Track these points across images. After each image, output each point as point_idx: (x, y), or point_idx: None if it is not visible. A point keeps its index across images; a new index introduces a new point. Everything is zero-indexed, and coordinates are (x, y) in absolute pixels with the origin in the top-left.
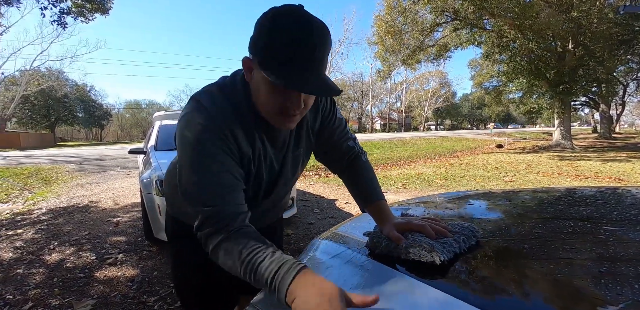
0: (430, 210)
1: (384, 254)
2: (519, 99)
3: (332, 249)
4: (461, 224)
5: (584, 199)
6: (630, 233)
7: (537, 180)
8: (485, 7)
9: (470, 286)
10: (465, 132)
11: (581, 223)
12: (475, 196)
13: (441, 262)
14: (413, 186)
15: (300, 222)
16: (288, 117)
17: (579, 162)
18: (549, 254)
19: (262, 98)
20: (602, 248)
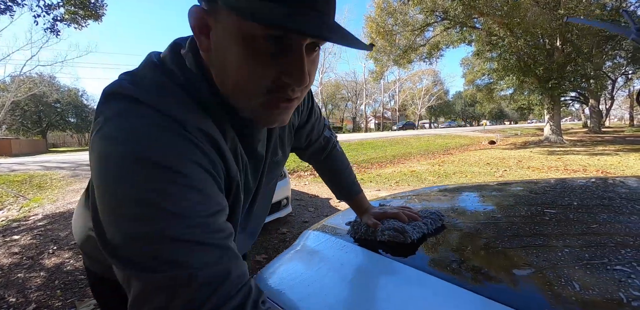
0: (410, 202)
1: (363, 238)
2: (510, 95)
3: (320, 237)
4: (429, 210)
5: (548, 188)
6: (571, 214)
7: (526, 175)
8: (474, 6)
9: (436, 262)
10: (458, 129)
11: (539, 207)
12: (450, 189)
13: (411, 240)
14: (406, 184)
15: (295, 220)
16: (282, 103)
17: (568, 156)
18: (503, 233)
19: (237, 72)
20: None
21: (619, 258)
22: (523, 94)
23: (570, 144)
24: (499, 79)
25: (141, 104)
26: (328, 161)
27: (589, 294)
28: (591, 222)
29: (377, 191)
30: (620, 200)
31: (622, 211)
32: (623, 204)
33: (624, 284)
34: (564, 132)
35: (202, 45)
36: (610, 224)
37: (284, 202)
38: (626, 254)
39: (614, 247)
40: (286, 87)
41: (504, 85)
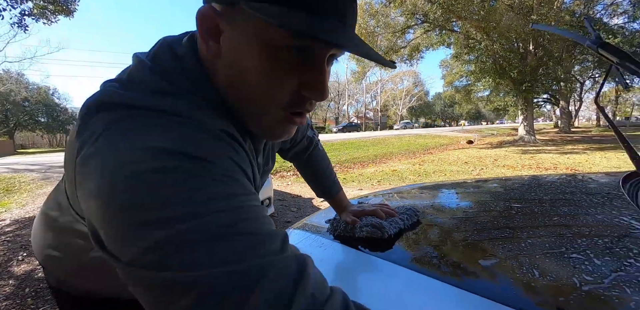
0: (387, 199)
1: (342, 235)
2: (487, 97)
3: (301, 236)
4: (405, 206)
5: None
6: (536, 208)
7: (501, 173)
8: (453, 10)
9: (411, 255)
10: (438, 129)
11: (507, 202)
12: (425, 187)
13: (388, 236)
14: (387, 183)
15: (278, 221)
16: (297, 118)
17: (540, 155)
18: (474, 226)
19: (256, 83)
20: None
21: (575, 247)
22: (499, 96)
23: (542, 143)
24: (476, 80)
25: (149, 111)
26: (310, 160)
27: (546, 279)
28: (553, 215)
29: (359, 190)
30: (580, 194)
31: (581, 204)
32: (582, 197)
33: (577, 270)
34: (536, 132)
35: (210, 50)
36: (570, 216)
37: (266, 203)
38: (582, 243)
39: (571, 237)
40: (305, 101)
41: (481, 87)
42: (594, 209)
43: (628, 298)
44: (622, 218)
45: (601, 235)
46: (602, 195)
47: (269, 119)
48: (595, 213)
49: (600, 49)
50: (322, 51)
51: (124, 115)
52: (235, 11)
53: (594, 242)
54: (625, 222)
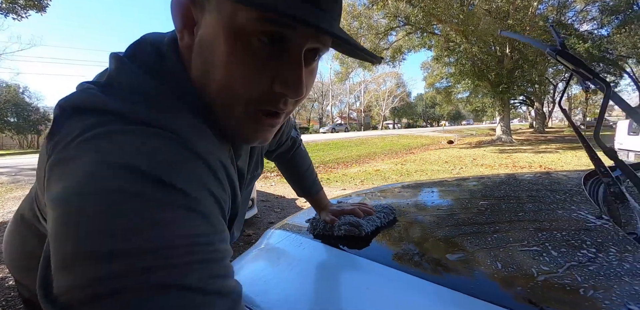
0: (366, 199)
1: (321, 234)
2: (467, 98)
3: (282, 235)
4: (382, 204)
5: (490, 183)
6: (503, 205)
7: (480, 172)
8: (433, 13)
9: (388, 252)
10: (420, 129)
11: (477, 199)
12: (402, 186)
13: (365, 233)
14: (371, 182)
15: (261, 222)
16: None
17: (516, 154)
18: (445, 223)
19: (223, 74)
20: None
21: (535, 240)
22: (477, 97)
23: (518, 143)
24: (456, 82)
25: (128, 120)
26: (293, 160)
27: (507, 270)
28: (519, 210)
29: (343, 190)
30: (545, 191)
31: (545, 200)
32: (547, 194)
33: (536, 261)
34: (513, 132)
35: (184, 41)
36: (533, 211)
37: (249, 204)
38: (542, 236)
39: (533, 231)
40: (278, 98)
41: (461, 89)
42: (555, 204)
43: (578, 285)
44: (579, 213)
45: (559, 229)
46: (564, 191)
47: (238, 117)
48: (557, 208)
49: (558, 56)
50: (297, 42)
51: (98, 122)
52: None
53: (553, 235)
54: (582, 217)
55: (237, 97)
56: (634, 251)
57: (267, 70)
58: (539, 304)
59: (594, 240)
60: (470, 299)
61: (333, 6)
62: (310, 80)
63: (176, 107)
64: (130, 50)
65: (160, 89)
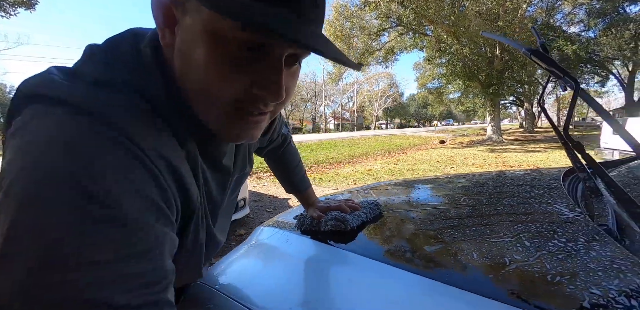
0: (353, 195)
1: (309, 229)
2: (458, 98)
3: (271, 232)
4: (368, 200)
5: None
6: (484, 200)
7: (470, 171)
8: (425, 14)
9: (373, 246)
10: (412, 129)
11: (460, 195)
12: (390, 184)
13: (351, 228)
14: (363, 182)
15: (253, 221)
16: (250, 117)
17: (506, 153)
18: (428, 217)
19: (203, 75)
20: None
21: (511, 232)
22: (469, 97)
23: (508, 142)
24: (447, 83)
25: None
26: (283, 156)
27: (482, 260)
28: (498, 205)
29: (335, 190)
30: (525, 186)
31: (523, 195)
32: (526, 189)
33: (509, 251)
34: (503, 132)
35: (165, 40)
36: (512, 205)
37: (241, 204)
38: (517, 228)
39: (509, 224)
40: (257, 100)
41: (452, 89)
42: (533, 199)
43: (546, 272)
44: (554, 206)
45: (534, 221)
46: (542, 187)
47: (220, 116)
48: (534, 203)
49: (532, 55)
50: (277, 49)
51: (46, 112)
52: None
53: (528, 227)
54: (556, 210)
55: (217, 98)
56: (601, 241)
57: (247, 73)
58: (510, 290)
59: (565, 231)
60: (448, 287)
61: (314, 12)
62: (292, 82)
63: (131, 103)
64: (106, 42)
65: (121, 84)
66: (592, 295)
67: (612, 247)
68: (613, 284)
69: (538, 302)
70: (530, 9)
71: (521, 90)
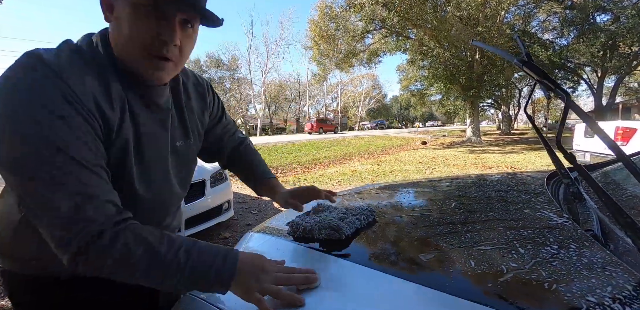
0: (345, 200)
1: (302, 236)
2: (439, 101)
3: (261, 239)
4: (362, 206)
5: (462, 183)
6: (475, 205)
7: (452, 172)
8: (408, 18)
9: (367, 253)
10: (395, 130)
11: (451, 200)
12: (380, 187)
13: (346, 236)
14: (347, 183)
15: (238, 224)
16: (157, 61)
17: (485, 154)
18: (422, 224)
19: (125, 33)
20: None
21: (504, 238)
22: (449, 100)
23: (487, 144)
24: (429, 85)
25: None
26: (245, 154)
27: (480, 268)
28: (489, 210)
29: None
30: (512, 191)
31: (512, 200)
32: (513, 194)
33: (505, 258)
34: (482, 133)
35: (107, 19)
36: (503, 211)
37: (226, 206)
38: (510, 234)
39: (502, 230)
40: (161, 45)
41: (434, 91)
42: (522, 204)
43: (543, 280)
44: (543, 212)
45: (526, 227)
46: (529, 191)
47: (139, 59)
48: (523, 208)
49: (524, 66)
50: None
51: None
52: None
53: (520, 234)
54: (545, 216)
55: (135, 47)
56: (591, 247)
57: (153, 27)
58: (508, 299)
59: (556, 237)
60: (444, 295)
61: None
62: (187, 41)
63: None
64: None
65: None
66: (588, 303)
67: (601, 253)
68: (607, 290)
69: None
70: (508, 16)
71: (499, 93)
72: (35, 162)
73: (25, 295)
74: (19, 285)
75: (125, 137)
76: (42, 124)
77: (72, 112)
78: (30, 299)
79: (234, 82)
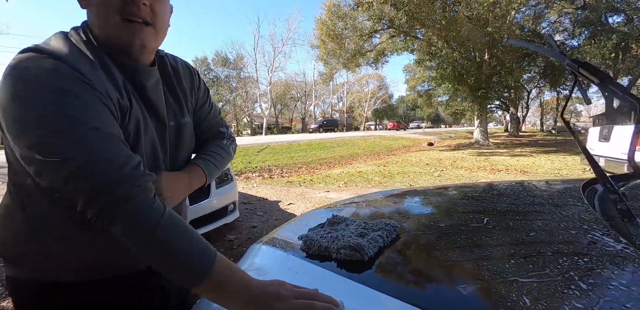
0: (360, 209)
1: (316, 254)
2: (446, 101)
3: (269, 253)
4: (384, 221)
5: (487, 193)
6: (510, 222)
7: (460, 174)
8: (417, 17)
9: (394, 280)
10: (401, 131)
11: (481, 214)
12: (397, 195)
13: (368, 257)
14: (354, 184)
15: (243, 225)
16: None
17: (493, 157)
18: (453, 244)
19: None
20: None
21: (558, 268)
22: (457, 101)
23: (495, 146)
24: (436, 86)
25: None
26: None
27: (536, 308)
28: (529, 229)
29: (327, 192)
30: (548, 205)
31: (553, 218)
32: (551, 210)
33: (566, 296)
34: (490, 135)
35: (83, 5)
36: (545, 231)
37: (231, 207)
38: (563, 262)
39: (551, 257)
40: (131, 7)
41: (441, 92)
42: (565, 223)
43: None
44: (594, 234)
45: (580, 254)
46: (567, 206)
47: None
48: (568, 227)
49: (581, 68)
50: None
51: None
52: None
53: (575, 263)
54: (598, 239)
55: (109, 19)
56: None
57: None
58: None
59: (621, 269)
60: None
61: None
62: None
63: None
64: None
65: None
66: None
67: None
68: None
69: None
70: (518, 16)
71: (507, 94)
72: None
73: (27, 299)
74: (20, 290)
75: (137, 118)
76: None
77: (89, 94)
78: (31, 302)
79: (240, 80)
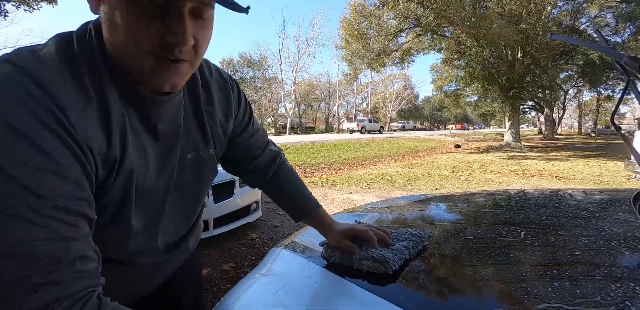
0: (384, 214)
1: (338, 263)
2: (475, 102)
3: (289, 258)
4: (410, 231)
5: (532, 202)
6: (552, 237)
7: (489, 178)
8: (445, 15)
9: (423, 298)
10: (426, 132)
11: (519, 227)
12: (425, 201)
13: (393, 270)
14: (377, 186)
15: (265, 225)
16: (168, 63)
17: (525, 161)
18: (495, 258)
19: (123, 32)
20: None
21: (611, 295)
22: (487, 101)
23: (527, 149)
24: (465, 86)
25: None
26: (279, 178)
27: None
28: (574, 247)
29: (349, 193)
30: (594, 219)
31: (601, 235)
32: (599, 225)
33: None
34: (522, 138)
35: (93, 9)
36: (593, 251)
37: (254, 206)
38: (617, 289)
39: (602, 281)
40: (172, 47)
41: (470, 92)
42: (616, 241)
43: None
44: None
45: (636, 280)
46: (617, 221)
47: (144, 66)
48: (619, 247)
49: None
50: (178, 2)
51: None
52: None
53: (632, 290)
54: None
55: (137, 49)
56: None
57: (159, 26)
58: None
59: None
60: None
61: None
62: (202, 34)
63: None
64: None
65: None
66: None
67: None
68: None
69: None
70: (555, 11)
71: (542, 95)
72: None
73: None
74: None
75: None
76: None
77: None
78: None
79: (265, 81)
